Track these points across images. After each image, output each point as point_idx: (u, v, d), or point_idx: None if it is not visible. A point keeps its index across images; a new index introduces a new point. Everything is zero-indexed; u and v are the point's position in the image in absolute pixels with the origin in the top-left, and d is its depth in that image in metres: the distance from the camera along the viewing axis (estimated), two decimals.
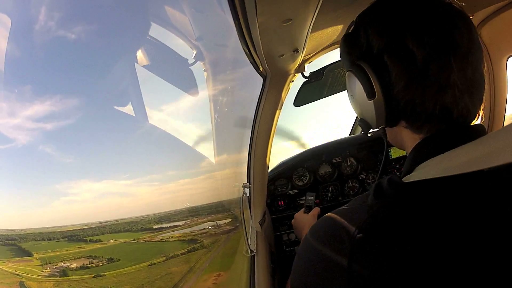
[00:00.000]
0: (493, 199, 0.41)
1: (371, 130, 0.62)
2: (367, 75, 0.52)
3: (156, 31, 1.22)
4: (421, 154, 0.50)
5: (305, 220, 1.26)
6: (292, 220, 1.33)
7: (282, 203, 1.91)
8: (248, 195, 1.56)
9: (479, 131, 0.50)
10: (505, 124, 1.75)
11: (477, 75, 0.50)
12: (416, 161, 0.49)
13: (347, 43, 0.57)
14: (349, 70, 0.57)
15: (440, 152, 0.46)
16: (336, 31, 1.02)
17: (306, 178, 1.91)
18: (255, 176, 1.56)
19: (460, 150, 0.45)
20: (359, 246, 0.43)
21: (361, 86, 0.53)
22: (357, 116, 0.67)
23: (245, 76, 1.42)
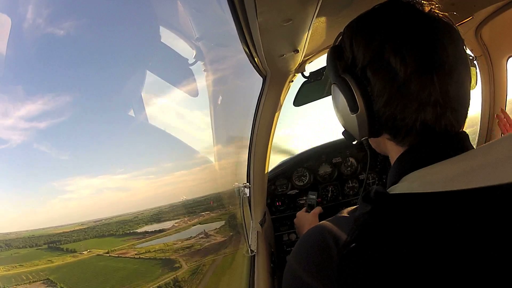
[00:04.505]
0: (473, 219, 0.41)
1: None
2: (351, 89, 0.52)
3: (155, 30, 1.22)
4: (405, 165, 0.50)
5: (306, 219, 1.27)
6: (295, 219, 1.34)
7: (282, 203, 1.91)
8: (248, 195, 1.56)
9: (462, 140, 0.50)
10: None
11: (462, 92, 0.49)
12: (401, 172, 0.49)
13: (333, 55, 0.57)
14: (334, 83, 0.57)
15: (425, 164, 0.47)
16: (336, 31, 1.01)
17: (306, 178, 1.91)
18: (255, 176, 1.56)
19: (444, 164, 0.45)
20: (345, 269, 0.42)
21: (345, 100, 0.53)
22: None
23: (245, 76, 1.42)
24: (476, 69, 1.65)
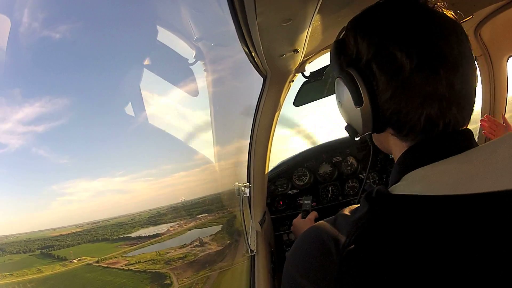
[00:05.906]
0: (475, 224, 0.40)
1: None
2: (356, 83, 0.52)
3: (155, 32, 1.22)
4: (408, 163, 0.50)
5: (302, 226, 1.26)
6: (292, 227, 1.34)
7: (282, 203, 1.91)
8: (248, 195, 1.56)
9: (467, 138, 0.50)
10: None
11: (467, 87, 0.49)
12: (403, 170, 0.49)
13: (337, 49, 0.57)
14: (338, 77, 0.57)
15: (427, 162, 0.46)
16: (336, 31, 1.01)
17: (306, 178, 1.91)
18: (255, 176, 1.56)
19: (446, 164, 0.45)
20: (345, 271, 0.42)
21: (349, 93, 0.53)
22: None
23: (245, 76, 1.42)
24: (476, 69, 1.65)
